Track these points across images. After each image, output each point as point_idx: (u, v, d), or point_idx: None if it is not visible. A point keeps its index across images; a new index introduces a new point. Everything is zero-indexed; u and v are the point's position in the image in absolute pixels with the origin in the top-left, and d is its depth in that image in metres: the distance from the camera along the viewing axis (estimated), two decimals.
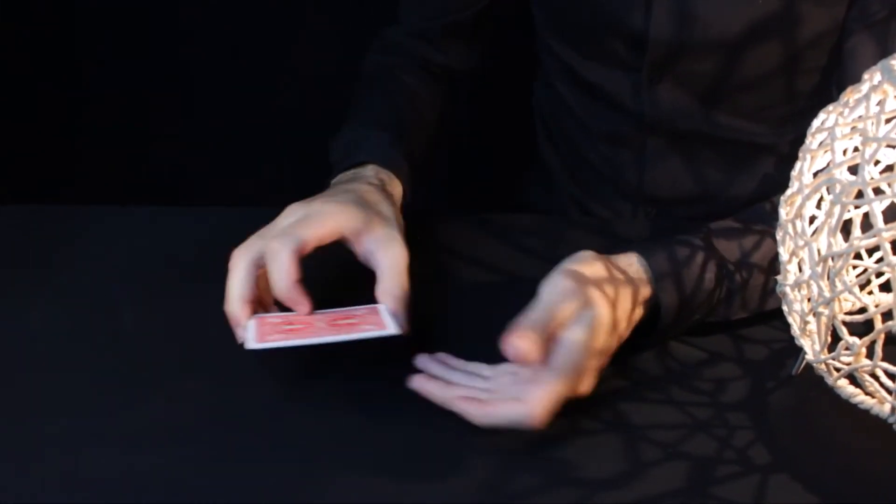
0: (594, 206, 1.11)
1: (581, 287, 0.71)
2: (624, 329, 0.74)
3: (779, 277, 0.71)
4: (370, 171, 0.87)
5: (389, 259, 0.76)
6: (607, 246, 0.77)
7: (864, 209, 0.68)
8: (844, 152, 0.67)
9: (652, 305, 0.77)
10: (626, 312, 0.74)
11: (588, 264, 0.74)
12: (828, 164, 0.67)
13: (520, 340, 0.68)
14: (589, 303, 0.71)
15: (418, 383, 0.73)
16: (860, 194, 0.63)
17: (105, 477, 0.68)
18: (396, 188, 0.88)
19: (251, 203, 0.90)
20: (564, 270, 0.73)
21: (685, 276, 0.76)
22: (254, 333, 0.72)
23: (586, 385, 0.71)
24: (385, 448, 0.70)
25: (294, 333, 0.72)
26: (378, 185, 0.85)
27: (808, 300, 0.68)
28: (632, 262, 0.77)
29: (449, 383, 0.73)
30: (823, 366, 0.69)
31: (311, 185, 0.84)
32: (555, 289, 0.71)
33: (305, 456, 0.70)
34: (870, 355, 0.66)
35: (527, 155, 1.21)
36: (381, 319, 0.73)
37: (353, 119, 0.95)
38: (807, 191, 0.67)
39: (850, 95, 0.68)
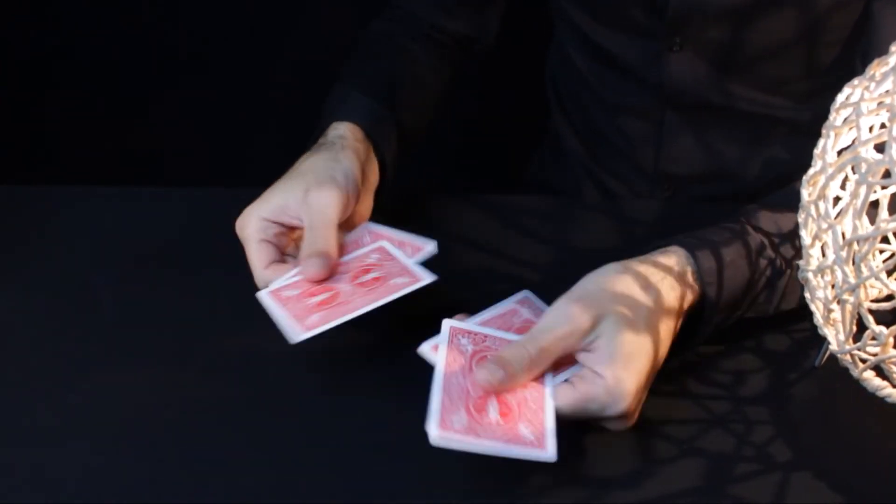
0: (610, 182, 1.10)
1: (591, 310, 0.67)
2: (664, 350, 0.70)
3: (801, 262, 0.70)
4: (337, 130, 0.86)
5: (315, 215, 0.77)
6: (617, 229, 0.75)
7: (892, 189, 0.68)
8: (871, 129, 0.66)
9: (692, 307, 0.73)
10: (668, 329, 0.70)
11: (611, 280, 0.69)
12: (853, 142, 0.66)
13: (485, 373, 0.65)
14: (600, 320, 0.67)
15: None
16: (887, 174, 0.62)
17: (80, 473, 0.68)
18: (360, 143, 0.85)
19: (229, 184, 0.89)
20: (573, 295, 0.68)
21: (732, 270, 0.73)
22: (290, 322, 0.71)
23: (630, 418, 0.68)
24: (386, 446, 0.70)
25: (331, 308, 0.72)
26: (336, 144, 0.84)
27: (832, 287, 0.67)
28: (675, 262, 0.72)
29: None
30: (848, 356, 0.68)
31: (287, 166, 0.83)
32: (560, 317, 0.67)
33: (299, 452, 0.69)
34: None
35: (540, 129, 1.20)
36: (410, 270, 0.73)
37: (339, 82, 0.94)
38: (830, 170, 0.66)
39: (877, 69, 0.67)
